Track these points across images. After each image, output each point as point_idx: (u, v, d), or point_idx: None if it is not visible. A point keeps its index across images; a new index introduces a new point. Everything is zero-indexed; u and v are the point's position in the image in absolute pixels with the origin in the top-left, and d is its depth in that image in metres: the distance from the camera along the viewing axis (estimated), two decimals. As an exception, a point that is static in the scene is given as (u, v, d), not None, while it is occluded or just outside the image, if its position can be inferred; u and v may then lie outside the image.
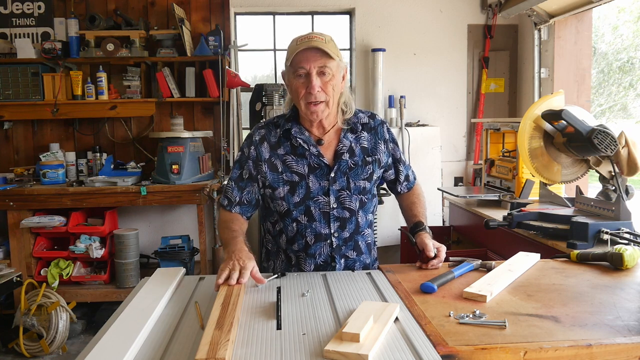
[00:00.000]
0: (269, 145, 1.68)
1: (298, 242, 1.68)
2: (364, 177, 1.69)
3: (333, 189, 1.65)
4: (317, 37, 1.57)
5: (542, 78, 3.95)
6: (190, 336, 1.14)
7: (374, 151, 1.72)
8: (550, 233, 2.18)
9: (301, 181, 1.65)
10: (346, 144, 1.68)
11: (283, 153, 1.67)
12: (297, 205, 1.65)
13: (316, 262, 1.68)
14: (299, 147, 1.66)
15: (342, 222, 1.67)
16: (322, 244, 1.66)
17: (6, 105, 3.78)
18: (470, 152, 4.38)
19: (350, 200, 1.66)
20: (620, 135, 2.20)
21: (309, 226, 1.65)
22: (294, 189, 1.65)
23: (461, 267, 1.55)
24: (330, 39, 1.60)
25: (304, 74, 1.57)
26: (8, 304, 3.60)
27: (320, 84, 1.57)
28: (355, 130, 1.71)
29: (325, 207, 1.65)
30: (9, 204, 3.55)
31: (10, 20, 3.96)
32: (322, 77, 1.57)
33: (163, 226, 4.14)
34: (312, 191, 1.64)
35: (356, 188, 1.67)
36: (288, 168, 1.65)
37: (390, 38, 4.20)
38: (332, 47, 1.58)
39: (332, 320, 1.20)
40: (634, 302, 1.29)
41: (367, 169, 1.69)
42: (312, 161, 1.65)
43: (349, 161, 1.67)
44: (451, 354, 1.03)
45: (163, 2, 4.00)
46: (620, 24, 9.51)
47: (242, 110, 4.10)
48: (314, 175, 1.65)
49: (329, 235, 1.66)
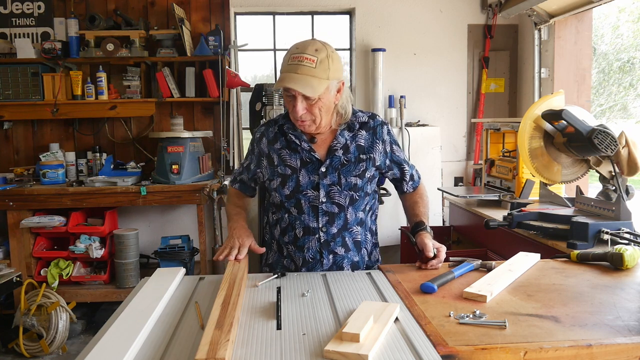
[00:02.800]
0: (267, 141, 1.76)
1: (289, 234, 1.74)
2: (356, 173, 1.70)
3: (323, 184, 1.68)
4: (308, 60, 1.53)
5: (542, 78, 3.95)
6: (190, 336, 1.14)
7: (370, 150, 1.73)
8: (551, 233, 2.18)
9: (292, 174, 1.70)
10: (341, 141, 1.70)
11: (279, 147, 1.73)
12: (287, 198, 1.71)
13: (305, 257, 1.70)
14: (292, 142, 1.72)
15: (331, 217, 1.69)
16: (311, 238, 1.70)
17: (6, 105, 3.78)
18: (471, 152, 4.38)
19: (340, 195, 1.69)
20: (621, 135, 2.20)
21: (298, 218, 1.71)
22: (284, 182, 1.71)
23: (461, 267, 1.55)
24: (325, 56, 1.55)
25: (291, 95, 1.58)
26: (8, 304, 3.60)
27: (306, 106, 1.59)
28: (352, 129, 1.73)
29: (314, 201, 1.68)
30: (9, 204, 3.55)
31: (10, 20, 3.95)
32: (307, 100, 1.58)
33: (163, 226, 4.14)
34: (302, 185, 1.68)
35: (347, 184, 1.69)
36: (282, 161, 1.72)
37: (390, 38, 4.20)
38: (321, 72, 1.54)
39: (332, 320, 1.20)
40: (634, 302, 1.29)
41: (360, 166, 1.71)
42: (304, 156, 1.70)
43: (342, 157, 1.69)
44: (451, 354, 1.03)
45: (163, 2, 4.00)
46: (621, 24, 9.51)
47: (242, 110, 4.10)
48: (305, 169, 1.69)
49: (317, 230, 1.69)
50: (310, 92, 1.53)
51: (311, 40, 1.59)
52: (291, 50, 1.59)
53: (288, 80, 1.53)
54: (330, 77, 1.57)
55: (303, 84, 1.53)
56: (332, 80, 1.58)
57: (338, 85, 1.63)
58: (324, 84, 1.55)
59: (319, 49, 1.56)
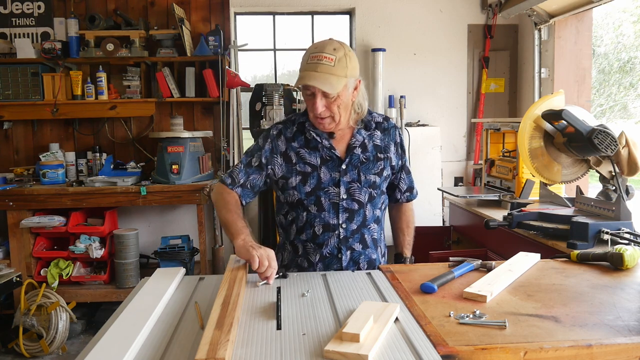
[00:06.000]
0: (285, 139, 1.75)
1: (306, 232, 1.73)
2: (375, 171, 1.75)
3: (344, 181, 1.71)
4: (327, 59, 1.58)
5: (542, 78, 3.95)
6: (190, 336, 1.14)
7: (386, 150, 1.78)
8: (551, 233, 2.18)
9: (313, 172, 1.71)
10: (359, 139, 1.74)
11: (297, 146, 1.74)
12: (308, 195, 1.71)
13: (322, 253, 1.72)
14: (312, 140, 1.73)
15: (351, 213, 1.72)
16: (330, 234, 1.71)
17: (6, 105, 3.78)
18: (470, 152, 4.38)
19: (360, 192, 1.72)
20: (621, 135, 2.20)
21: (318, 216, 1.71)
22: (305, 179, 1.71)
23: (461, 267, 1.55)
24: (343, 55, 1.60)
25: (310, 93, 1.62)
26: (8, 304, 3.60)
27: (325, 103, 1.63)
28: (369, 128, 1.78)
29: (335, 198, 1.71)
30: (8, 204, 3.55)
31: (10, 20, 3.95)
32: (326, 98, 1.62)
33: (163, 226, 4.14)
34: (323, 182, 1.71)
35: (367, 181, 1.73)
36: (301, 159, 1.72)
37: (390, 38, 4.20)
38: (339, 70, 1.59)
39: (332, 320, 1.20)
40: (634, 302, 1.29)
41: (378, 164, 1.76)
42: (324, 153, 1.72)
43: (360, 155, 1.73)
44: (451, 354, 1.03)
45: (163, 2, 4.00)
46: (621, 24, 9.51)
47: (242, 110, 4.10)
48: (326, 166, 1.71)
49: (337, 226, 1.71)
50: (329, 89, 1.58)
51: (329, 40, 1.64)
52: (310, 50, 1.63)
53: (308, 78, 1.58)
54: (348, 75, 1.61)
55: (323, 81, 1.57)
56: (350, 78, 1.63)
57: (355, 83, 1.67)
58: (342, 81, 1.59)
59: (337, 48, 1.61)
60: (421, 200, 4.12)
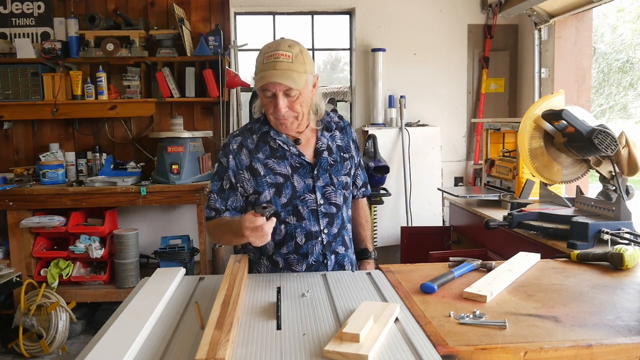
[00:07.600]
0: (248, 151, 1.67)
1: (287, 245, 1.67)
2: (344, 172, 1.73)
3: (318, 186, 1.68)
4: (284, 56, 1.53)
5: (542, 78, 3.95)
6: (190, 336, 1.14)
7: (348, 149, 1.78)
8: (551, 233, 2.18)
9: (286, 182, 1.65)
10: (324, 142, 1.72)
11: (263, 157, 1.67)
12: (284, 206, 1.65)
13: (308, 262, 1.68)
14: (279, 149, 1.67)
15: (330, 217, 1.69)
16: (314, 242, 1.67)
17: (6, 105, 3.78)
18: (470, 152, 4.38)
19: (335, 195, 1.70)
20: (621, 135, 2.20)
21: (298, 226, 1.66)
22: (279, 190, 1.65)
23: (461, 267, 1.55)
24: (299, 51, 1.56)
25: (271, 94, 1.57)
26: (8, 304, 3.60)
27: (287, 103, 1.58)
28: (330, 129, 1.76)
29: (312, 205, 1.67)
30: (8, 204, 3.54)
31: (10, 20, 3.95)
32: (288, 97, 1.57)
33: (163, 226, 4.14)
34: (299, 190, 1.66)
35: (339, 183, 1.71)
36: (271, 170, 1.66)
37: (390, 38, 4.20)
38: (298, 66, 1.54)
39: (332, 320, 1.20)
40: (634, 302, 1.29)
41: (345, 164, 1.74)
42: (293, 161, 1.67)
43: (328, 158, 1.71)
44: (451, 354, 1.03)
45: (163, 2, 3.99)
46: (620, 24, 9.50)
47: (242, 110, 4.10)
48: (298, 174, 1.67)
49: (319, 233, 1.68)
50: (293, 84, 1.52)
51: (281, 39, 1.60)
52: (264, 50, 1.58)
53: (270, 77, 1.52)
54: (307, 71, 1.57)
55: (285, 78, 1.51)
56: (309, 74, 1.59)
57: (314, 80, 1.64)
58: (303, 77, 1.55)
59: (292, 45, 1.57)
60: (421, 200, 4.15)
